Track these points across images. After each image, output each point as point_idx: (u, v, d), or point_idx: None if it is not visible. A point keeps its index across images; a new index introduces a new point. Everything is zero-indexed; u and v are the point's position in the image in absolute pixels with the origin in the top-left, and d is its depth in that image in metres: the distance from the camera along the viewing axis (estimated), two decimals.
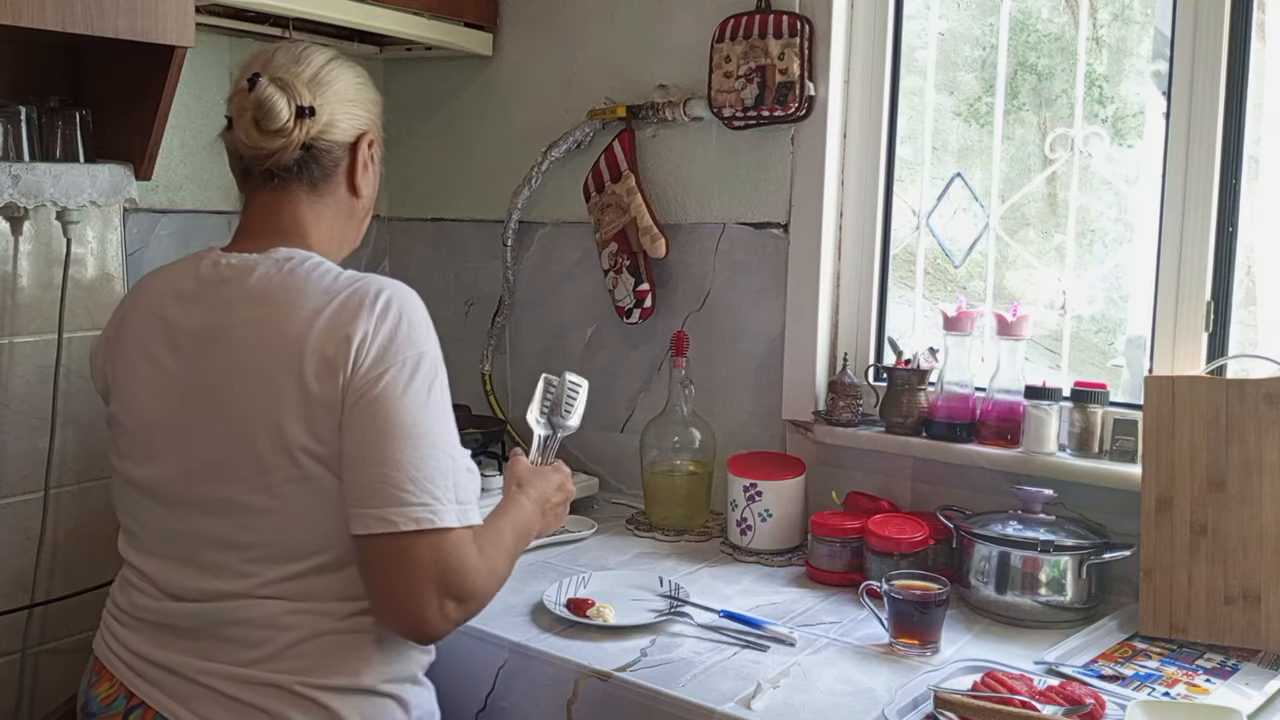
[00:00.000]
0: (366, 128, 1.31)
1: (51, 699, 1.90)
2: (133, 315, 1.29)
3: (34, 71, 1.82)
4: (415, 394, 1.15)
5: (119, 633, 1.27)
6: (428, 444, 1.14)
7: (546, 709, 1.43)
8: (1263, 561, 1.42)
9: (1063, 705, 1.25)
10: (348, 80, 1.29)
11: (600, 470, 2.21)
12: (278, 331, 1.17)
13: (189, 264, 1.28)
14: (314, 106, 1.24)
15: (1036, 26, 1.99)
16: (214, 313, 1.22)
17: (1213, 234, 1.59)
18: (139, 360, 1.26)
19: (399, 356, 1.15)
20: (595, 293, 2.19)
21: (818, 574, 1.72)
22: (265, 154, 1.24)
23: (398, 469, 1.12)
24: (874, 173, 1.91)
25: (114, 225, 1.97)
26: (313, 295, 1.18)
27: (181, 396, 1.21)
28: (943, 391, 1.77)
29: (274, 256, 1.23)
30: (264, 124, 1.22)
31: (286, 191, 1.27)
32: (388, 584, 1.15)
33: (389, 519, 1.12)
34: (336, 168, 1.29)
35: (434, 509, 1.13)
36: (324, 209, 1.30)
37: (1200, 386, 1.49)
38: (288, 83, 1.23)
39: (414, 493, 1.12)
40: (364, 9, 1.98)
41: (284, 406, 1.15)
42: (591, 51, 2.17)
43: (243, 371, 1.17)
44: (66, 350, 1.88)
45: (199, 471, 1.19)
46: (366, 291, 1.18)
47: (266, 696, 1.17)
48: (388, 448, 1.13)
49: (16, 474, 1.87)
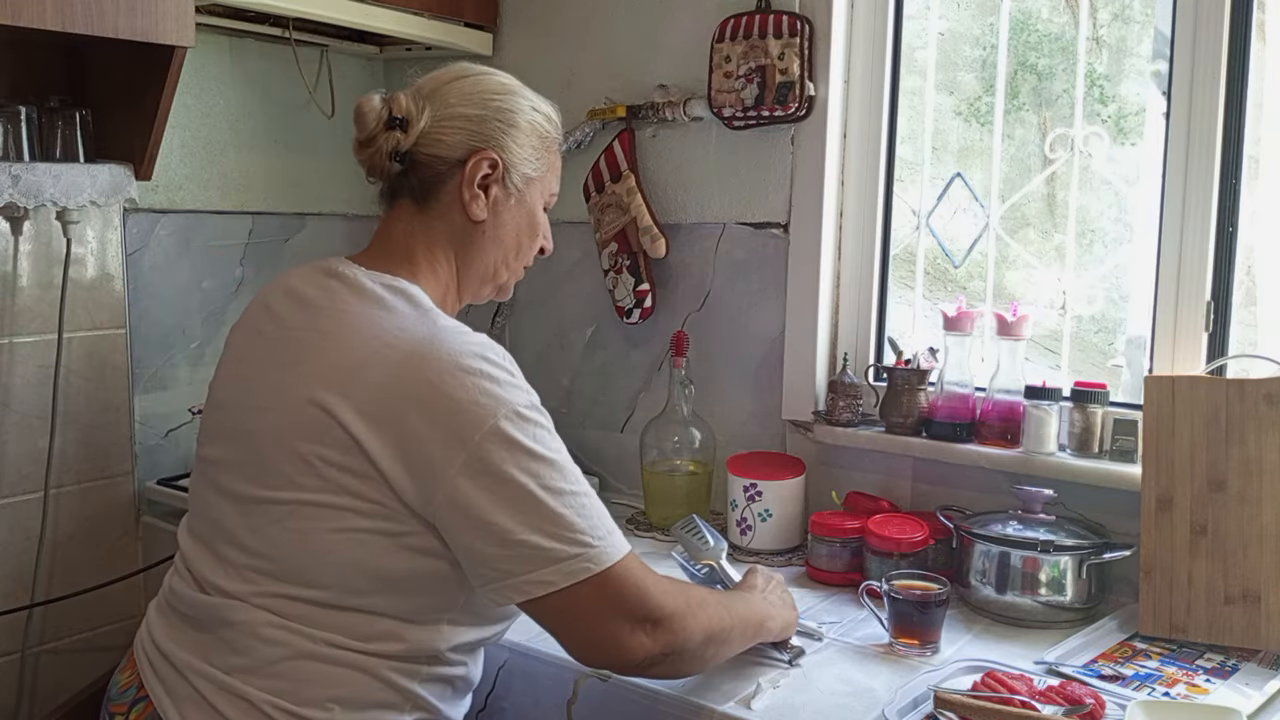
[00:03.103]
0: (481, 145, 1.22)
1: (51, 699, 1.90)
2: (253, 301, 1.29)
3: (34, 71, 1.82)
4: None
5: (151, 619, 1.26)
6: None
7: (546, 709, 1.43)
8: (1263, 561, 1.42)
9: (1063, 705, 1.25)
10: (465, 91, 1.23)
11: (600, 470, 2.21)
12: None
13: (313, 265, 1.26)
14: (405, 117, 1.20)
15: (1036, 26, 1.99)
16: (302, 315, 1.20)
17: (1213, 234, 1.59)
18: (235, 340, 1.27)
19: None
20: (595, 293, 2.19)
21: (818, 574, 1.72)
22: (363, 165, 1.24)
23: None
24: (874, 173, 1.91)
25: (114, 225, 1.97)
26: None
27: (248, 384, 1.20)
28: (943, 391, 1.77)
29: (381, 281, 1.19)
30: (357, 130, 1.22)
31: (397, 207, 1.25)
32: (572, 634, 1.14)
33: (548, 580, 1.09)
34: (442, 184, 1.23)
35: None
36: (435, 232, 1.24)
37: (1200, 386, 1.49)
38: (396, 95, 1.21)
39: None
40: (364, 9, 1.98)
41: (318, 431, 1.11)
42: (591, 51, 2.17)
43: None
44: (66, 350, 1.89)
45: (240, 463, 1.17)
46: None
47: (239, 711, 1.12)
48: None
49: (16, 474, 1.87)
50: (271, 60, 2.20)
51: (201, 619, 1.18)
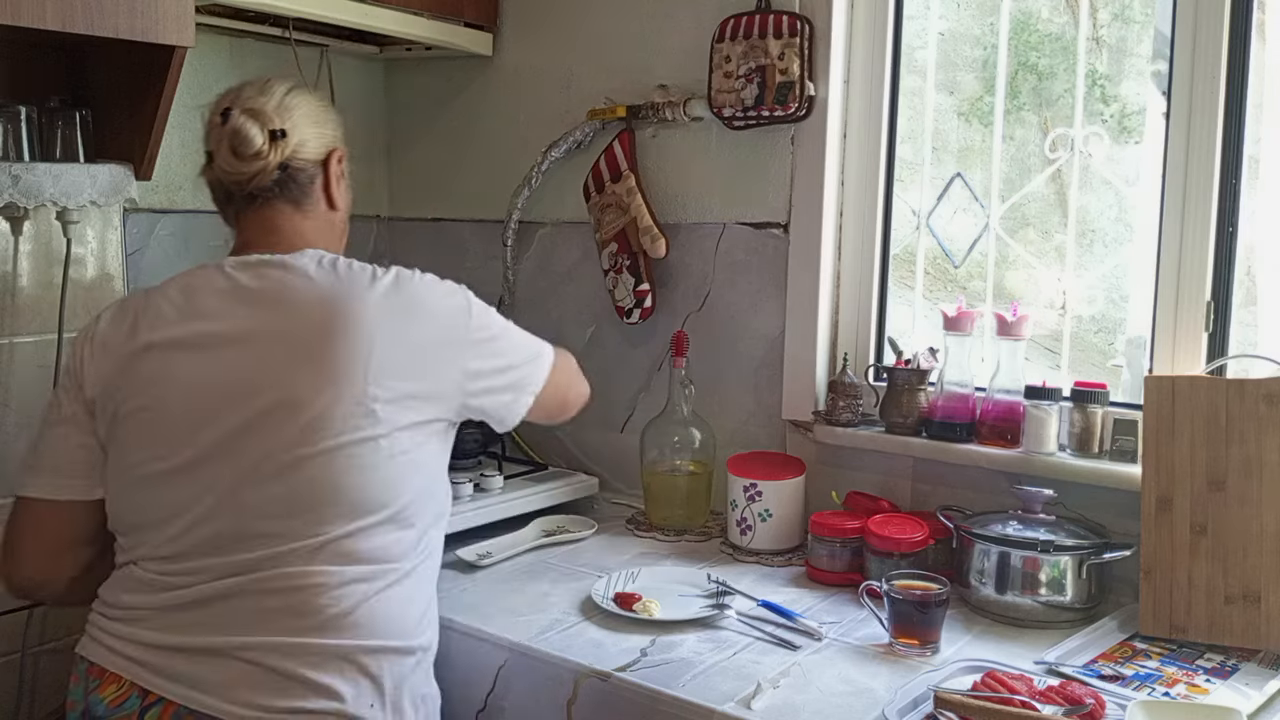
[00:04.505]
0: (334, 145, 1.42)
1: (51, 699, 1.90)
2: (138, 316, 1.32)
3: (34, 71, 1.82)
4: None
5: (126, 631, 1.29)
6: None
7: (546, 709, 1.43)
8: (1263, 561, 1.42)
9: (1063, 705, 1.25)
10: (311, 104, 1.40)
11: (600, 470, 2.20)
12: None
13: (210, 268, 1.35)
14: (284, 129, 1.34)
15: (1037, 26, 1.99)
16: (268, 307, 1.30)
17: (1213, 234, 1.59)
18: (176, 356, 1.32)
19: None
20: (595, 293, 2.19)
21: (818, 574, 1.72)
22: (246, 178, 1.34)
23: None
24: (874, 173, 1.91)
25: (114, 225, 1.97)
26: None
27: (249, 382, 1.29)
28: (943, 391, 1.77)
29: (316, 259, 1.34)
30: (241, 150, 1.32)
31: (273, 208, 1.37)
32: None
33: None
34: (313, 184, 1.39)
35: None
36: (309, 225, 1.39)
37: (1200, 386, 1.49)
38: (258, 111, 1.33)
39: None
40: (364, 9, 1.98)
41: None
42: (591, 51, 2.17)
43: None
44: (66, 350, 1.88)
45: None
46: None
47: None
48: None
49: (17, 474, 1.87)
50: (271, 60, 2.20)
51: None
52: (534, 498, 1.99)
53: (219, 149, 1.34)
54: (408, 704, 1.29)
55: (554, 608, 1.59)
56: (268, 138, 1.33)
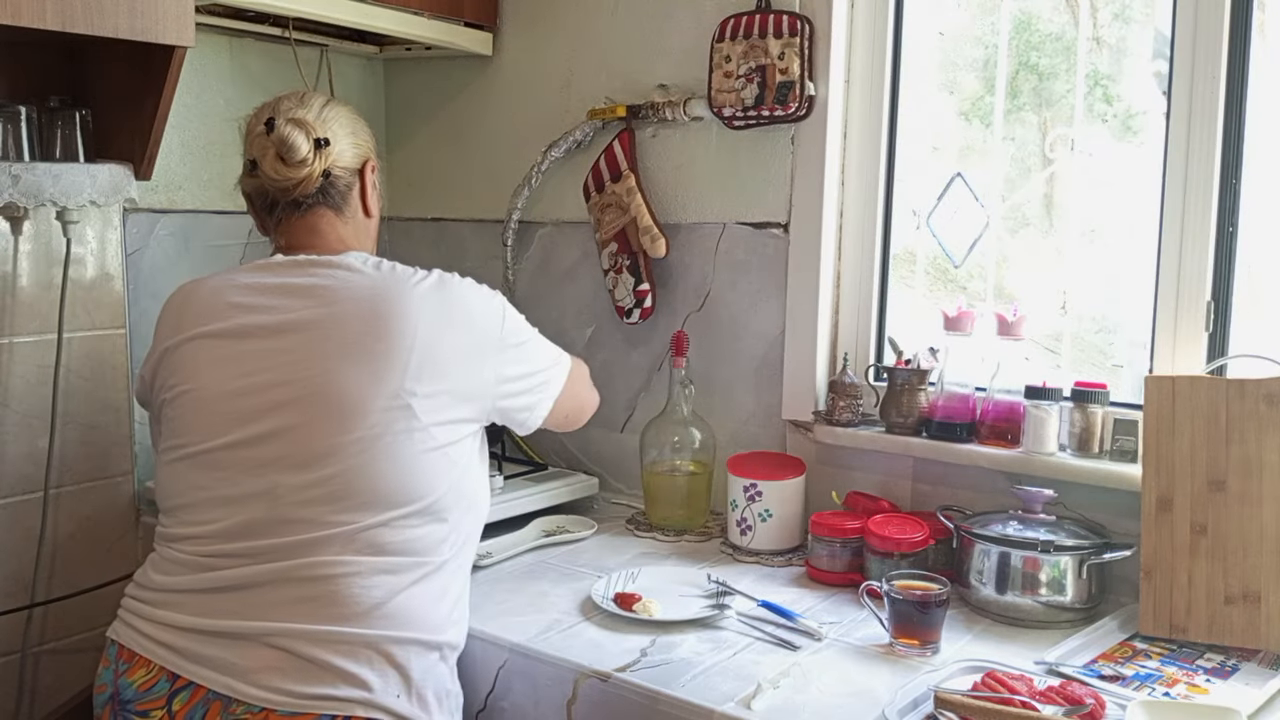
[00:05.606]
0: (368, 155, 1.49)
1: (51, 699, 1.90)
2: (191, 310, 1.40)
3: (34, 71, 1.82)
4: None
5: (162, 615, 1.32)
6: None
7: (546, 709, 1.43)
8: (1263, 561, 1.42)
9: (1063, 705, 1.25)
10: (347, 116, 1.47)
11: (600, 470, 2.21)
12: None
13: (259, 265, 1.43)
14: (328, 138, 1.41)
15: (1037, 26, 1.99)
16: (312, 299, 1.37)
17: (1213, 234, 1.59)
18: (217, 344, 1.38)
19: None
20: (595, 293, 2.19)
21: (818, 574, 1.72)
22: (293, 184, 1.40)
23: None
24: (874, 173, 1.91)
25: (114, 225, 1.97)
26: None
27: (300, 368, 1.35)
28: (943, 391, 1.77)
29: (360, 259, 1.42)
30: (288, 157, 1.38)
31: (317, 214, 1.44)
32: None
33: None
34: (350, 191, 1.46)
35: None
36: (349, 230, 1.47)
37: (1200, 386, 1.49)
38: (301, 120, 1.40)
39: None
40: (364, 9, 1.98)
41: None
42: (591, 51, 2.17)
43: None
44: (66, 350, 1.89)
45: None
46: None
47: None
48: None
49: (16, 474, 1.87)
50: (271, 60, 2.20)
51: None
52: (534, 498, 1.99)
53: (264, 157, 1.39)
54: (432, 697, 1.32)
55: (554, 608, 1.59)
56: (313, 145, 1.39)
